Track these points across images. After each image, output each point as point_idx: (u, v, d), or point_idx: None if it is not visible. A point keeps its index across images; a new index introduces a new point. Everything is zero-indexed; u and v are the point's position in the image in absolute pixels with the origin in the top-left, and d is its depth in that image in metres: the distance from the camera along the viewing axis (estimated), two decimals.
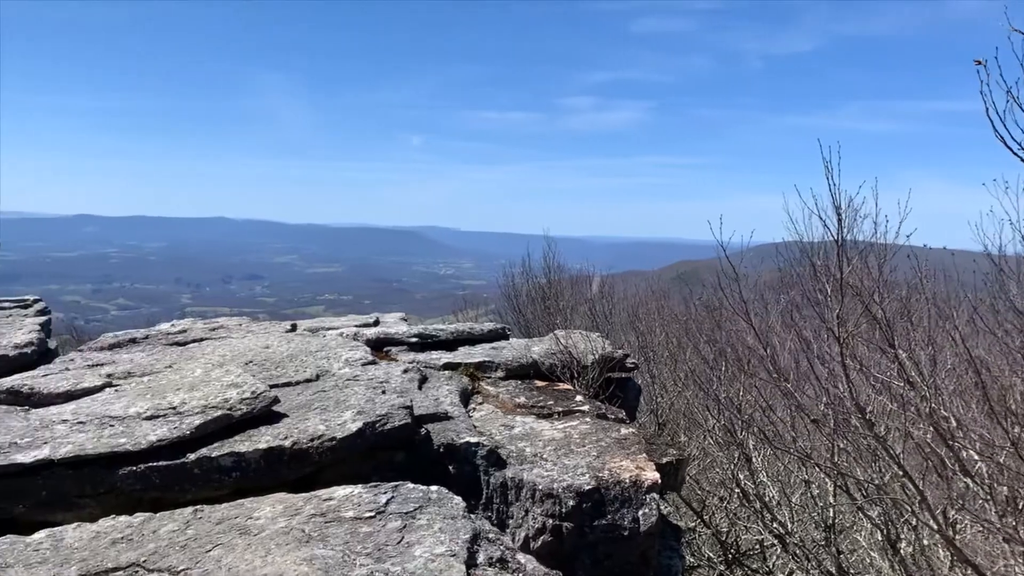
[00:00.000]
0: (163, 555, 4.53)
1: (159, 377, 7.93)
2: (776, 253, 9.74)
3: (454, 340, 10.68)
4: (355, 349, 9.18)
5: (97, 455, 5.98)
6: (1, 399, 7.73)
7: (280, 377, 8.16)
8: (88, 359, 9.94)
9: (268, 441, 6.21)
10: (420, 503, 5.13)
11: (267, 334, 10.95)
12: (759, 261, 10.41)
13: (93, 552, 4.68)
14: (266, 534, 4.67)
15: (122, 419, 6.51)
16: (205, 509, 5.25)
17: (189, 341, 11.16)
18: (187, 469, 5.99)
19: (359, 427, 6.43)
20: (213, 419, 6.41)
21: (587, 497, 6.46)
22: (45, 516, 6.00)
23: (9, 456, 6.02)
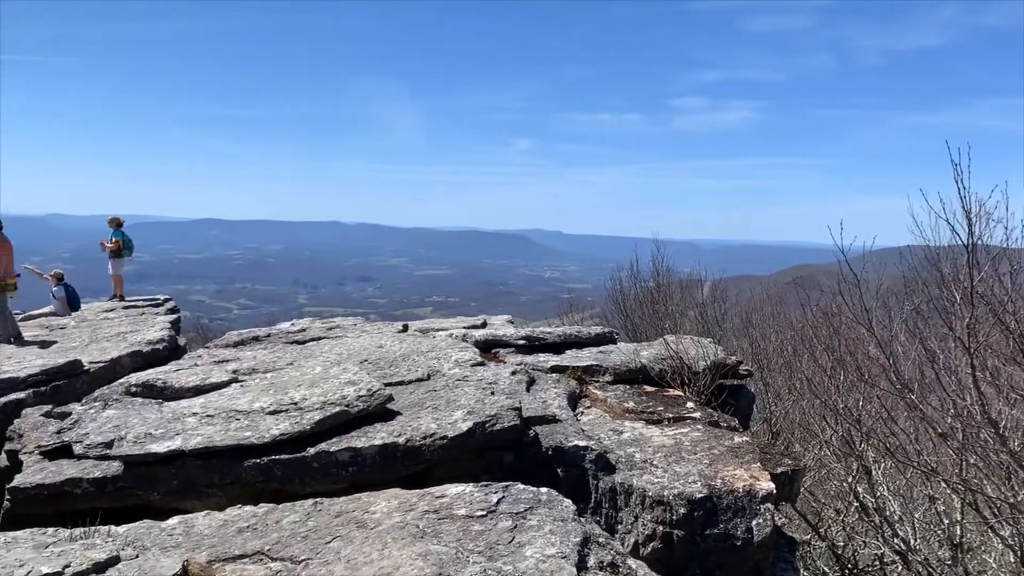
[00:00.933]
0: (285, 544, 4.74)
1: (281, 374, 8.28)
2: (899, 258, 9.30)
3: (561, 343, 10.70)
4: (464, 350, 9.33)
5: (224, 447, 6.31)
6: (137, 392, 8.25)
7: (393, 376, 8.39)
8: (215, 356, 10.49)
9: (383, 438, 6.40)
10: (530, 504, 5.16)
11: (380, 334, 11.28)
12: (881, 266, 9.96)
13: (221, 539, 4.94)
14: (382, 528, 4.81)
15: (247, 413, 6.84)
16: (324, 502, 5.45)
17: (308, 340, 11.61)
18: (307, 463, 6.24)
19: (469, 427, 6.53)
20: (331, 415, 6.65)
21: (699, 505, 6.34)
22: (176, 503, 6.37)
23: (145, 446, 6.43)
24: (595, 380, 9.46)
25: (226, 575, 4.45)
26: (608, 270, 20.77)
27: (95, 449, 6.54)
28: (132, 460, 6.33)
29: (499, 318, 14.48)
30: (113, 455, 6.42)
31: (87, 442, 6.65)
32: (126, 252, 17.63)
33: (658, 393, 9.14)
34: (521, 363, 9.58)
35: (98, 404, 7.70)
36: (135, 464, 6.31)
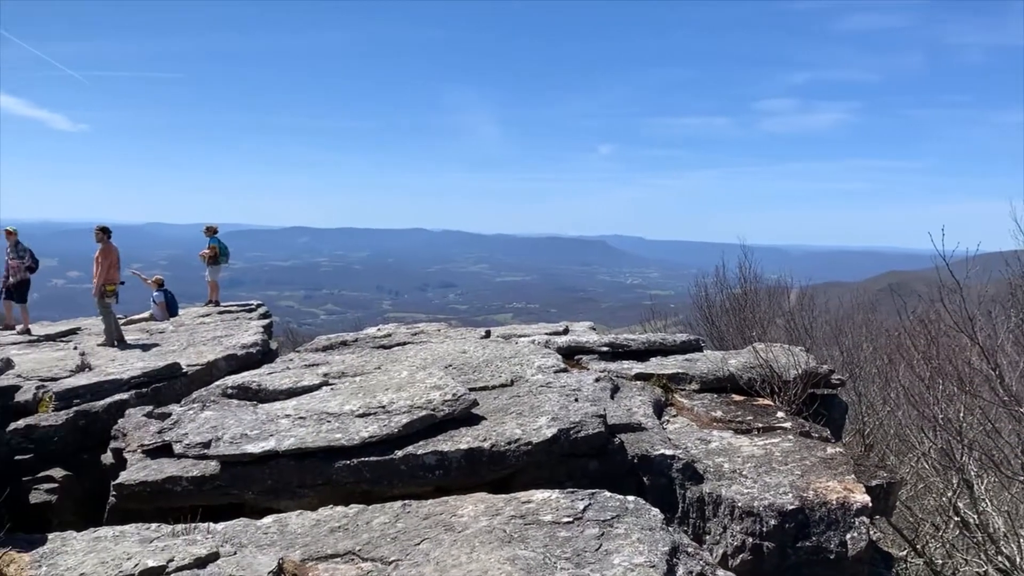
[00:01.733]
0: (376, 545, 4.82)
1: (369, 377, 8.45)
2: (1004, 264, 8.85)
3: (646, 351, 10.58)
4: (547, 356, 9.33)
5: (316, 448, 6.47)
6: (232, 394, 8.55)
7: (477, 381, 8.45)
8: (305, 359, 10.77)
9: (468, 442, 6.45)
10: (617, 512, 5.12)
11: (463, 340, 11.39)
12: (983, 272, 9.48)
13: (314, 538, 5.07)
14: (470, 532, 4.85)
15: (338, 416, 7.00)
16: (412, 504, 5.52)
17: (393, 344, 11.82)
18: (395, 465, 6.34)
19: (554, 433, 6.52)
20: (419, 418, 6.75)
21: (790, 517, 6.18)
22: (270, 503, 6.56)
23: (241, 446, 6.64)
24: (681, 388, 9.32)
25: (319, 574, 4.56)
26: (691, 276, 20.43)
27: (194, 449, 6.80)
28: (228, 460, 6.55)
29: (581, 325, 14.43)
30: (210, 455, 6.66)
31: (186, 442, 6.91)
32: (222, 259, 18.27)
33: (747, 402, 8.94)
34: (604, 370, 9.53)
35: (196, 405, 8.00)
36: (231, 464, 6.53)
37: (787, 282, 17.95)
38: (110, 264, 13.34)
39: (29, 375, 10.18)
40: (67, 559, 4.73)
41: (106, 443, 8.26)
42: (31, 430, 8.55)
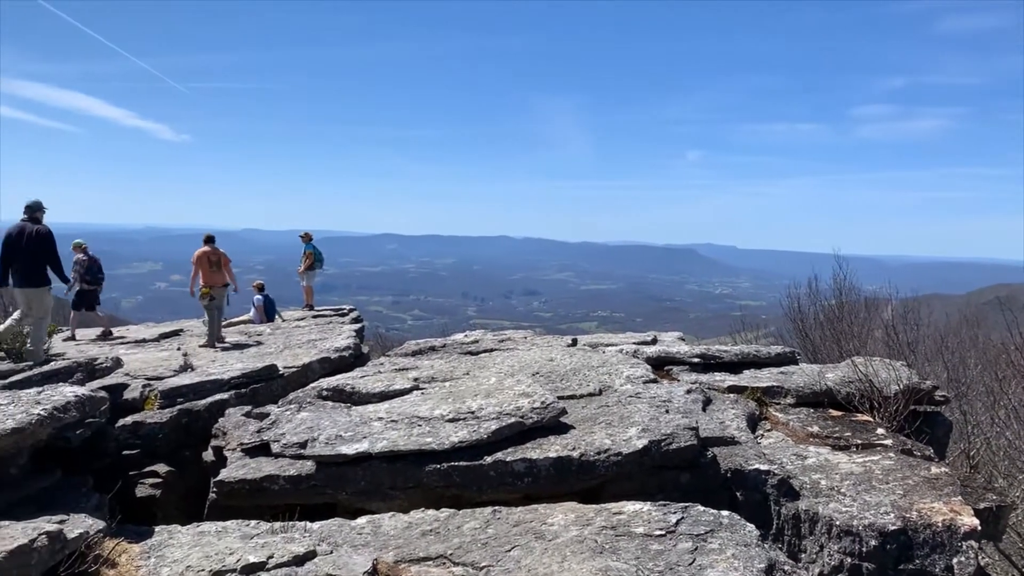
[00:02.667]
0: (467, 550, 4.85)
1: (458, 383, 8.53)
2: None
3: (738, 362, 10.35)
4: (636, 366, 9.22)
5: (408, 451, 6.55)
6: (327, 396, 8.75)
7: (565, 389, 8.42)
8: (396, 363, 10.97)
9: (557, 451, 6.42)
10: (711, 527, 5.02)
11: (550, 347, 11.38)
12: None
13: (407, 540, 5.14)
14: (561, 540, 4.83)
15: (428, 420, 7.09)
16: (503, 511, 5.54)
17: (481, 351, 11.91)
18: (484, 471, 6.37)
19: (644, 444, 6.43)
20: (507, 425, 6.77)
21: (892, 538, 5.92)
22: (362, 503, 6.69)
23: (335, 447, 6.79)
24: (775, 402, 9.07)
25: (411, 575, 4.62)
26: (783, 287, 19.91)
27: (291, 448, 6.99)
28: (323, 460, 6.71)
29: (670, 335, 14.24)
30: (307, 455, 6.83)
31: (283, 441, 7.11)
32: (317, 264, 18.80)
33: (845, 418, 8.63)
34: (695, 382, 9.36)
35: (293, 406, 8.23)
36: (326, 464, 6.68)
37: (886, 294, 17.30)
38: (207, 270, 14.04)
39: (136, 374, 10.66)
40: (174, 552, 4.93)
41: (207, 441, 8.55)
42: (138, 427, 8.91)
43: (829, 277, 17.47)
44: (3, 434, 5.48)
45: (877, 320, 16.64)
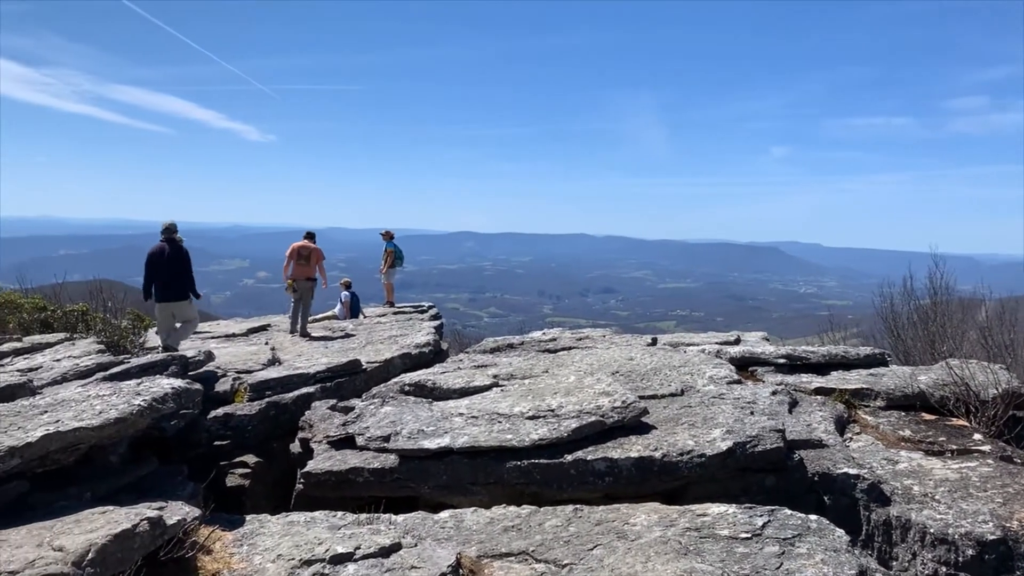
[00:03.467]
0: (548, 547, 4.86)
1: (537, 380, 8.54)
2: None
3: (825, 364, 10.06)
4: (719, 367, 9.07)
5: (488, 447, 6.60)
6: (409, 391, 8.89)
7: (645, 389, 8.34)
8: (474, 360, 11.06)
9: (639, 451, 6.37)
10: (799, 531, 4.89)
11: (629, 346, 11.28)
12: None
13: (488, 536, 5.18)
14: (644, 541, 4.79)
15: (508, 417, 7.12)
16: (584, 509, 5.52)
17: (559, 349, 11.89)
18: (564, 469, 6.37)
19: (729, 446, 6.32)
20: (588, 424, 6.75)
21: (991, 548, 5.66)
22: (443, 498, 6.77)
23: (418, 442, 6.89)
24: (865, 405, 8.78)
25: (494, 571, 4.64)
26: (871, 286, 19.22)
27: (375, 442, 7.13)
28: (406, 454, 6.82)
29: (753, 334, 13.95)
30: (390, 448, 6.95)
31: (368, 435, 7.25)
32: (397, 262, 19.08)
33: (938, 422, 8.30)
34: (781, 383, 9.15)
35: (377, 401, 8.39)
36: (409, 458, 6.79)
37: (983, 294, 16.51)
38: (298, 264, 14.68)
39: (227, 367, 11.02)
40: (265, 540, 5.09)
41: (293, 432, 8.79)
42: (228, 418, 9.20)
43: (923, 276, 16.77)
44: (107, 423, 5.75)
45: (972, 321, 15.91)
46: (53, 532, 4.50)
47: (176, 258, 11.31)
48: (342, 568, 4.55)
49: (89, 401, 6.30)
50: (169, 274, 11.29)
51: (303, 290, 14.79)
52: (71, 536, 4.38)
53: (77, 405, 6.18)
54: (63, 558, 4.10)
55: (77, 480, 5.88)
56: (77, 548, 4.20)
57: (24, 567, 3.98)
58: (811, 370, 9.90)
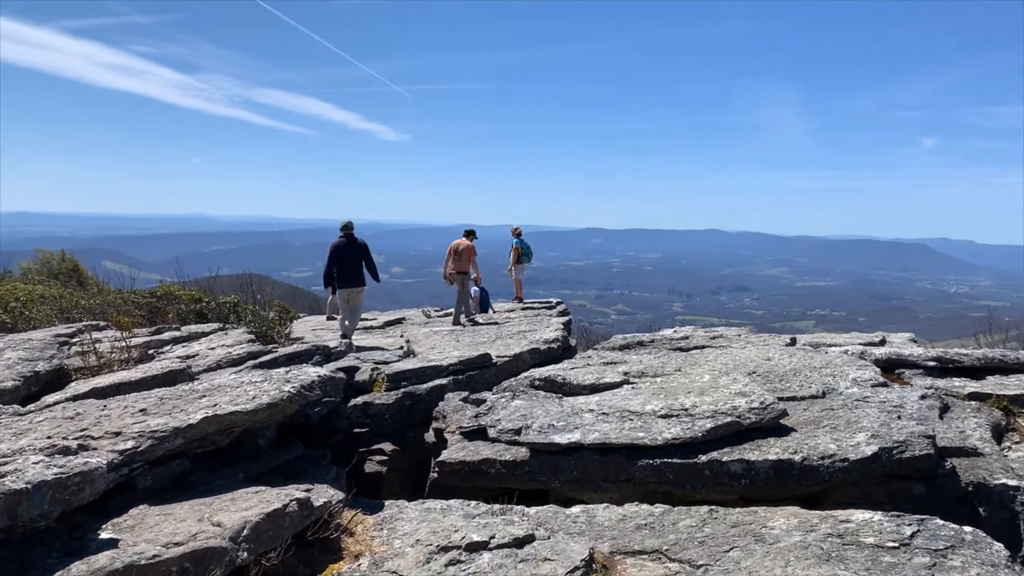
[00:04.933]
0: (683, 547, 4.80)
1: (670, 379, 8.43)
2: None
3: (981, 367, 9.43)
4: (863, 368, 8.66)
5: (619, 444, 6.58)
6: (539, 386, 8.97)
7: (784, 390, 8.08)
8: (604, 357, 11.02)
9: (777, 453, 6.19)
10: (952, 542, 4.62)
11: (767, 346, 10.94)
12: None
13: (621, 532, 5.16)
14: (783, 545, 4.65)
15: (639, 415, 7.07)
16: (719, 511, 5.42)
17: (691, 347, 11.68)
18: (698, 469, 6.26)
19: (874, 451, 6.04)
20: (723, 424, 6.60)
21: None
22: (573, 493, 6.80)
23: (548, 436, 6.95)
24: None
25: (627, 567, 4.63)
26: None
27: (506, 434, 7.23)
28: (537, 448, 6.89)
29: (900, 336, 13.24)
30: (521, 441, 7.04)
31: (499, 427, 7.37)
32: (524, 259, 19.28)
33: None
34: (931, 387, 8.64)
35: (508, 394, 8.51)
36: (540, 452, 6.85)
37: None
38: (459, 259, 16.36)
39: (366, 358, 11.48)
40: (403, 525, 5.28)
41: (427, 422, 9.03)
42: (367, 407, 9.56)
43: None
44: (260, 408, 6.11)
45: None
46: (212, 508, 4.83)
47: (352, 251, 13.28)
48: (477, 556, 4.66)
49: (243, 387, 6.71)
50: (346, 265, 13.28)
51: (458, 283, 16.27)
52: (228, 513, 4.69)
53: (232, 391, 6.61)
54: (221, 533, 4.39)
55: (231, 461, 6.28)
56: (234, 524, 4.49)
57: (188, 539, 4.30)
58: (964, 374, 9.30)
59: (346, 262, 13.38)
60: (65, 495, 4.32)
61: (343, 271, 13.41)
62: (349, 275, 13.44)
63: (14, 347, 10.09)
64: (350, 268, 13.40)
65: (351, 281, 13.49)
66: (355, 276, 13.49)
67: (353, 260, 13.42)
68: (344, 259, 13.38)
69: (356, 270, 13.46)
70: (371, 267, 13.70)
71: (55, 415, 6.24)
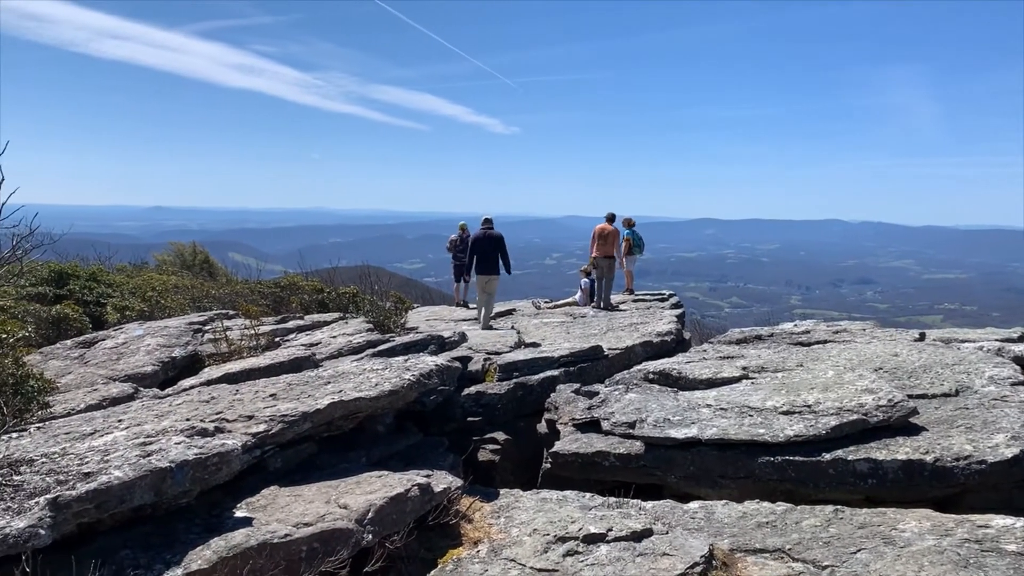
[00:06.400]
0: (807, 547, 4.66)
1: (791, 375, 8.18)
2: None
3: None
4: (1000, 366, 8.16)
5: (738, 441, 6.44)
6: (654, 379, 8.87)
7: (913, 388, 7.71)
8: (720, 351, 10.79)
9: (907, 453, 5.91)
10: None
11: (894, 341, 10.45)
12: None
13: (741, 530, 5.06)
14: (915, 549, 4.44)
15: (759, 410, 6.89)
16: (845, 511, 5.23)
17: (813, 342, 11.27)
18: (822, 468, 6.05)
19: (1015, 453, 5.69)
20: (848, 422, 6.36)
21: None
22: (689, 488, 6.70)
23: (664, 430, 6.87)
24: None
25: (748, 566, 4.53)
26: None
27: (620, 427, 7.20)
28: (652, 442, 6.83)
29: None
30: (635, 435, 6.99)
31: (613, 420, 7.35)
32: (636, 250, 19.07)
33: None
34: None
35: (621, 387, 8.46)
36: (654, 446, 6.79)
37: None
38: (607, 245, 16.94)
39: (478, 348, 11.64)
40: (520, 514, 5.34)
41: (538, 413, 9.08)
42: (480, 396, 9.69)
43: None
44: (382, 395, 6.31)
45: None
46: (338, 491, 5.02)
47: (489, 242, 14.54)
48: (595, 547, 4.67)
49: (365, 375, 6.94)
50: (484, 254, 14.58)
51: (603, 267, 16.94)
52: (353, 496, 4.86)
53: (355, 377, 6.84)
54: (348, 515, 4.57)
55: (354, 445, 6.51)
56: (359, 507, 4.66)
57: (316, 520, 4.49)
58: None
59: (484, 252, 14.62)
60: (204, 474, 4.59)
61: (481, 259, 14.67)
62: (485, 263, 14.65)
63: (153, 334, 10.77)
64: (487, 257, 14.62)
65: (487, 269, 14.66)
66: (491, 265, 14.64)
67: (490, 250, 14.61)
68: (483, 249, 14.62)
69: (492, 259, 14.62)
70: (505, 258, 14.77)
71: (192, 398, 6.63)
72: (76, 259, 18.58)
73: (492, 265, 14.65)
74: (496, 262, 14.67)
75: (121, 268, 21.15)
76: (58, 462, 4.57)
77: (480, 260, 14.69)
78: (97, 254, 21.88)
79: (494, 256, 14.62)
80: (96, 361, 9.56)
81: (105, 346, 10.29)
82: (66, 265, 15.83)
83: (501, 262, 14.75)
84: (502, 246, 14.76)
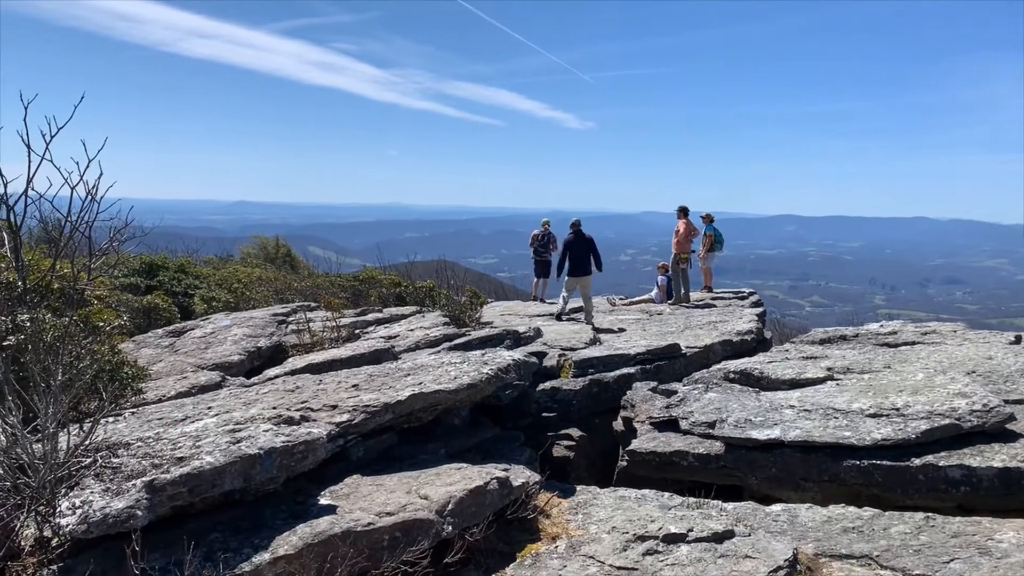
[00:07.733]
0: (896, 555, 4.51)
1: (878, 376, 7.92)
2: None
3: None
4: None
5: (823, 443, 6.27)
6: (734, 379, 8.71)
7: (1009, 392, 7.37)
8: (802, 351, 10.52)
9: (1003, 460, 5.66)
10: None
11: (987, 344, 10.02)
12: None
13: (826, 534, 4.93)
14: (1013, 561, 4.26)
15: (845, 413, 6.69)
16: (937, 518, 5.05)
17: (900, 343, 10.89)
18: (911, 473, 5.84)
19: None
20: (940, 427, 6.12)
21: None
22: (771, 491, 6.55)
23: (745, 431, 6.74)
24: None
25: (833, 571, 4.42)
26: None
27: (699, 427, 7.10)
28: (732, 442, 6.71)
29: None
30: (715, 435, 6.88)
31: (692, 419, 7.24)
32: (716, 246, 18.74)
33: None
34: None
35: (700, 386, 8.33)
36: (735, 447, 6.67)
37: None
38: (684, 237, 17.27)
39: (553, 344, 11.63)
40: (598, 511, 5.32)
41: (613, 410, 9.01)
42: (555, 392, 9.69)
43: None
44: (461, 388, 6.37)
45: None
46: (418, 482, 5.09)
47: (582, 244, 14.98)
48: (675, 547, 4.61)
49: (443, 367, 7.02)
50: (578, 256, 14.96)
51: (686, 262, 17.37)
52: (433, 487, 4.92)
53: (434, 370, 6.92)
54: (428, 506, 4.63)
55: (432, 437, 6.59)
56: (439, 498, 4.71)
57: (398, 510, 4.56)
58: None
59: (579, 255, 15.03)
60: (291, 462, 4.71)
61: (574, 262, 15.05)
62: (579, 265, 15.04)
63: (239, 324, 11.11)
64: (581, 259, 15.01)
65: (581, 270, 15.04)
66: (584, 265, 15.04)
67: (583, 252, 15.02)
68: (577, 253, 15.03)
69: (585, 261, 15.02)
70: (596, 258, 15.13)
71: (277, 387, 6.81)
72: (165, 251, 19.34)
73: (585, 266, 15.03)
74: (589, 263, 15.04)
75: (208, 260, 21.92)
76: (152, 446, 4.76)
77: (575, 263, 15.04)
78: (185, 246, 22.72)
79: (587, 258, 15.01)
80: (185, 350, 9.93)
81: (194, 335, 10.67)
82: (156, 257, 16.49)
83: (593, 262, 15.09)
84: (594, 248, 15.16)
